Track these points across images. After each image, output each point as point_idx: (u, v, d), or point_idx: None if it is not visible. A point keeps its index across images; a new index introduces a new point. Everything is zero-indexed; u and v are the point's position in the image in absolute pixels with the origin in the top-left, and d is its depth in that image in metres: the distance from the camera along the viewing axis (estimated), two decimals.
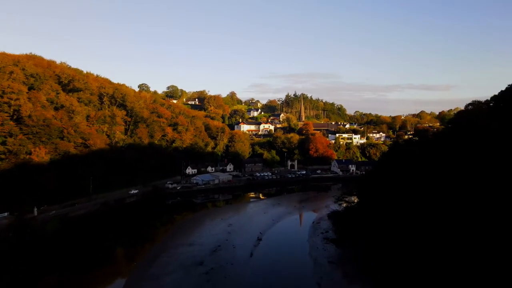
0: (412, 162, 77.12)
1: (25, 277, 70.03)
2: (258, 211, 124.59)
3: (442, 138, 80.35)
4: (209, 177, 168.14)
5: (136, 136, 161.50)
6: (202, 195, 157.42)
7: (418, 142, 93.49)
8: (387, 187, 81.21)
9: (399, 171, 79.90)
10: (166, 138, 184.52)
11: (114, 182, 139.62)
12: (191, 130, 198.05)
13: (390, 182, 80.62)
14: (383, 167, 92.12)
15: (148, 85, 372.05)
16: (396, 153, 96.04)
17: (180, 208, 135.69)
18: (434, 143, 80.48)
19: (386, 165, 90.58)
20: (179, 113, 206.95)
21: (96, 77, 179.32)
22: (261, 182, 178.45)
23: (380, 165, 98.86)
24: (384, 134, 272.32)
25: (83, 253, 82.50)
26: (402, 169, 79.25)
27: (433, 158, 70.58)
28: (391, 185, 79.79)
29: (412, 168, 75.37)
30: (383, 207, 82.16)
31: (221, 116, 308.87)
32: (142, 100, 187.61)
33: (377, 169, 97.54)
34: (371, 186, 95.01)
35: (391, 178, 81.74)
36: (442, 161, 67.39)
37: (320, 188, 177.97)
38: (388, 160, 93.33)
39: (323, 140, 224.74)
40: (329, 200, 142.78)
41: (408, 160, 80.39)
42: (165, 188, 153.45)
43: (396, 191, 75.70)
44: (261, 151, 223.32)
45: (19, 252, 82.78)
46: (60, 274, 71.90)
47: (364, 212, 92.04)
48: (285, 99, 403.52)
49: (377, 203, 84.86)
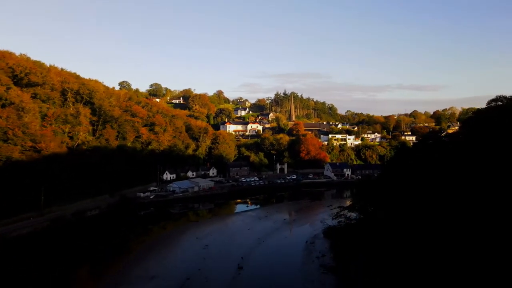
0: (442, 173, 59.66)
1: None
2: (241, 226, 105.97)
3: (472, 143, 62.97)
4: (187, 184, 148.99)
5: (103, 137, 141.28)
6: (179, 204, 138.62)
7: (437, 145, 76.01)
8: (405, 202, 63.57)
9: (421, 183, 62.33)
10: (141, 140, 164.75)
11: (75, 192, 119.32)
12: (170, 131, 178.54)
13: (409, 197, 62.93)
14: (394, 176, 74.46)
15: (129, 83, 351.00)
16: (410, 158, 78.57)
17: (152, 221, 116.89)
18: (463, 149, 62.99)
19: (399, 174, 72.89)
20: (156, 112, 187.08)
21: (61, 71, 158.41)
22: (247, 188, 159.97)
23: (388, 173, 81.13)
24: (380, 135, 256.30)
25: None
26: (426, 181, 61.72)
27: (473, 171, 52.95)
28: (410, 201, 62.16)
29: (445, 180, 57.90)
30: (398, 226, 64.58)
31: (206, 116, 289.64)
32: (114, 97, 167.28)
33: (385, 178, 79.80)
34: (378, 199, 77.32)
35: (409, 192, 64.12)
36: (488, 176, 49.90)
37: (312, 195, 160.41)
38: (400, 168, 75.67)
39: (315, 141, 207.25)
40: (323, 210, 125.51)
41: (433, 169, 62.89)
42: (136, 198, 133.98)
43: (421, 209, 58.04)
44: (248, 153, 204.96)
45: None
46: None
47: (371, 231, 74.27)
48: (275, 98, 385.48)
49: (390, 222, 67.23)
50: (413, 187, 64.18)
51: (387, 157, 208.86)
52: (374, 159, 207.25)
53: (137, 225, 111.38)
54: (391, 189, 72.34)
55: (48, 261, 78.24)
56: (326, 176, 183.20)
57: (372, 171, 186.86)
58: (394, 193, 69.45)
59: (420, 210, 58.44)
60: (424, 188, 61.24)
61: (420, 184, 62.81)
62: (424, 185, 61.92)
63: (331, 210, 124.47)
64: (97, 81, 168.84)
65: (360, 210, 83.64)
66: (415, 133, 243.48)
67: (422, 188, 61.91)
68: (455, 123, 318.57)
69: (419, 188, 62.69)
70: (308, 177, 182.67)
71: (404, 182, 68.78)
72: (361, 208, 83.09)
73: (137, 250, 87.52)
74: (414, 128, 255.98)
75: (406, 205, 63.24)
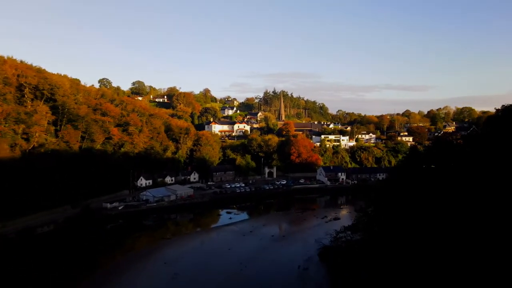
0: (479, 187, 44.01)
1: None
2: (221, 245, 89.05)
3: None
4: (163, 192, 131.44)
5: (62, 140, 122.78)
6: (154, 215, 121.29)
7: (459, 151, 60.22)
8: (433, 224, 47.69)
9: (451, 200, 46.57)
10: (113, 142, 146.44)
11: (27, 204, 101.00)
12: (146, 132, 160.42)
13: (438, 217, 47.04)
14: (409, 191, 58.35)
15: (110, 80, 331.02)
16: (425, 166, 62.77)
17: (119, 237, 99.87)
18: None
19: (416, 188, 56.88)
20: (132, 111, 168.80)
21: (18, 64, 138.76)
22: (230, 196, 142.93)
23: (400, 184, 64.83)
24: (374, 135, 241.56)
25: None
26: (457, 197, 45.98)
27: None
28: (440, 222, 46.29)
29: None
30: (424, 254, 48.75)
31: (190, 115, 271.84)
32: (81, 94, 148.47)
33: (396, 192, 63.48)
34: (390, 217, 61.19)
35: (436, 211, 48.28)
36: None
37: (304, 202, 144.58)
38: (416, 179, 59.62)
39: (306, 142, 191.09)
40: (317, 223, 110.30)
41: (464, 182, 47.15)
42: (102, 209, 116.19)
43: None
44: (234, 156, 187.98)
45: None
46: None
47: (383, 257, 58.15)
48: (264, 97, 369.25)
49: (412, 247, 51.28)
50: (440, 204, 48.44)
51: (384, 159, 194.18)
52: (370, 161, 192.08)
53: (99, 243, 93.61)
54: (407, 206, 56.33)
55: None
56: (319, 181, 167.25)
57: (368, 175, 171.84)
58: (413, 211, 53.47)
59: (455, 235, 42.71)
60: (456, 207, 45.57)
61: (449, 201, 47.11)
62: (455, 202, 46.27)
63: (326, 223, 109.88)
64: (62, 76, 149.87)
65: (365, 229, 67.29)
66: (412, 134, 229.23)
67: (453, 206, 46.23)
68: (451, 123, 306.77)
69: (448, 206, 47.00)
70: (299, 182, 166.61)
71: (425, 198, 52.87)
72: (367, 227, 66.77)
73: (89, 278, 70.36)
74: (411, 128, 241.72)
75: (435, 228, 47.39)
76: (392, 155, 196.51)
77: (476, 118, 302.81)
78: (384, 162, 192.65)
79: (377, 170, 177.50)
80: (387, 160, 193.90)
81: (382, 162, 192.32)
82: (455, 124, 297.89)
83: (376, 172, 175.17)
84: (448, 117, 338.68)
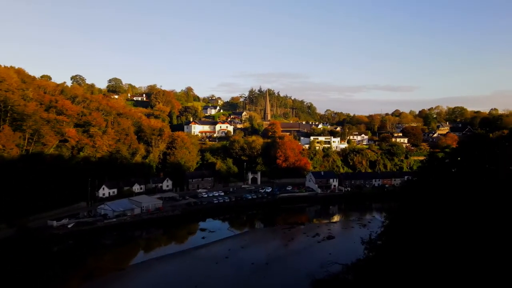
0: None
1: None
2: (185, 283, 69.37)
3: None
4: (125, 205, 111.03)
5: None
6: (114, 233, 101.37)
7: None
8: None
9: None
10: (69, 145, 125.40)
11: None
12: (111, 133, 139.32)
13: None
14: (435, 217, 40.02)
15: (83, 77, 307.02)
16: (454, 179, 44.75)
17: (66, 263, 79.71)
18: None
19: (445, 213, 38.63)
20: (95, 109, 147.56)
21: None
22: (207, 207, 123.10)
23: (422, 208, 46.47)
24: (367, 136, 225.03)
25: None
26: None
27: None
28: None
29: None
30: None
31: (168, 115, 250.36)
32: (31, 89, 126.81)
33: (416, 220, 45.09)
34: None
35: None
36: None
37: (292, 214, 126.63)
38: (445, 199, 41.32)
39: (294, 145, 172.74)
40: (309, 243, 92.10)
41: None
42: (47, 227, 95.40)
43: None
44: (214, 159, 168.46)
45: None
46: None
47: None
48: (249, 95, 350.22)
49: None
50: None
51: (379, 163, 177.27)
52: (364, 165, 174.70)
53: (40, 271, 73.83)
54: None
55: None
56: (309, 188, 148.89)
57: (363, 181, 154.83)
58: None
59: None
60: None
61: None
62: None
63: (318, 243, 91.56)
64: (9, 67, 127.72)
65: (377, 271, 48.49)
66: (407, 134, 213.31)
67: None
68: (444, 123, 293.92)
69: None
70: (286, 189, 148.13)
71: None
72: (378, 268, 47.99)
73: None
74: (406, 129, 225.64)
75: None
76: (388, 158, 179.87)
77: (470, 118, 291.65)
78: (379, 166, 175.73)
79: (373, 176, 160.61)
80: (382, 164, 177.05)
81: (377, 166, 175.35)
82: (448, 124, 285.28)
83: (372, 177, 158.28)
84: (441, 117, 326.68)
